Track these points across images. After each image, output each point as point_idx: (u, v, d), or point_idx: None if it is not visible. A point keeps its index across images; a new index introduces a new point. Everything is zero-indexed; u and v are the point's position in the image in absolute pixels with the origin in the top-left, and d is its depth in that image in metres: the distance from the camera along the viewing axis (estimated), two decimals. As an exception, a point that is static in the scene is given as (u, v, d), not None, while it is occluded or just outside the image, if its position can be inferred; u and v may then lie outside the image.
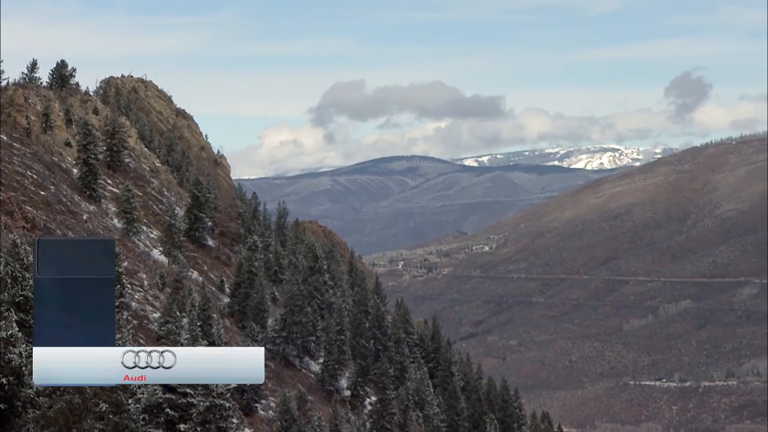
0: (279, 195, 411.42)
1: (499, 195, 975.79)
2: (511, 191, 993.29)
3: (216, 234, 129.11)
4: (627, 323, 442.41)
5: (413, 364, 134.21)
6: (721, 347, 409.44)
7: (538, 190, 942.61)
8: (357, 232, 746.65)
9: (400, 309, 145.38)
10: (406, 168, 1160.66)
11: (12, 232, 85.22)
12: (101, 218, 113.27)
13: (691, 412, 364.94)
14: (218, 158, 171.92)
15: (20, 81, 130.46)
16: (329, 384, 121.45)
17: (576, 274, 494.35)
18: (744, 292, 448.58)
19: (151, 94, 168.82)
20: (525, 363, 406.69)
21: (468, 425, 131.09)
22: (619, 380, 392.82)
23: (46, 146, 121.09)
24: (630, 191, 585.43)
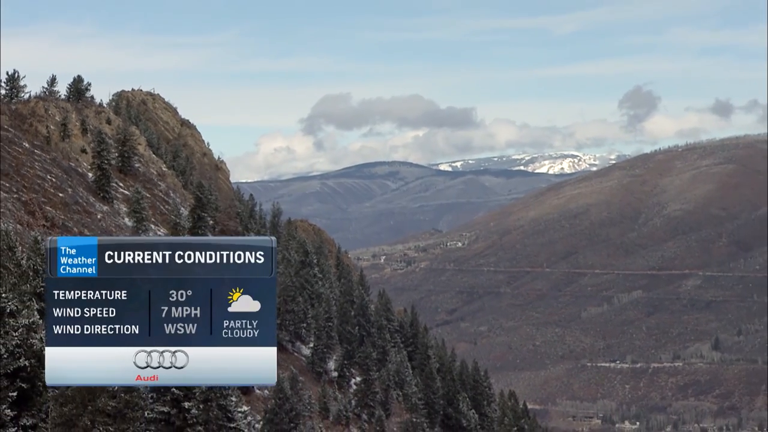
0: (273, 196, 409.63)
1: (470, 197, 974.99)
2: (482, 193, 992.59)
3: (217, 232, 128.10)
4: (585, 311, 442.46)
5: (394, 348, 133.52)
6: (668, 332, 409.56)
7: (506, 192, 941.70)
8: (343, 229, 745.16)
9: (382, 299, 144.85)
10: (387, 172, 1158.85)
11: (33, 230, 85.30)
12: (114, 217, 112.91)
13: (641, 390, 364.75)
14: (219, 163, 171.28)
15: (41, 94, 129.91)
16: (318, 366, 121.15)
17: (539, 267, 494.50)
18: (689, 283, 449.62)
19: (158, 106, 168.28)
20: (494, 347, 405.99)
21: (443, 402, 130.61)
22: (577, 362, 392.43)
23: (64, 153, 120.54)
24: (587, 193, 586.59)
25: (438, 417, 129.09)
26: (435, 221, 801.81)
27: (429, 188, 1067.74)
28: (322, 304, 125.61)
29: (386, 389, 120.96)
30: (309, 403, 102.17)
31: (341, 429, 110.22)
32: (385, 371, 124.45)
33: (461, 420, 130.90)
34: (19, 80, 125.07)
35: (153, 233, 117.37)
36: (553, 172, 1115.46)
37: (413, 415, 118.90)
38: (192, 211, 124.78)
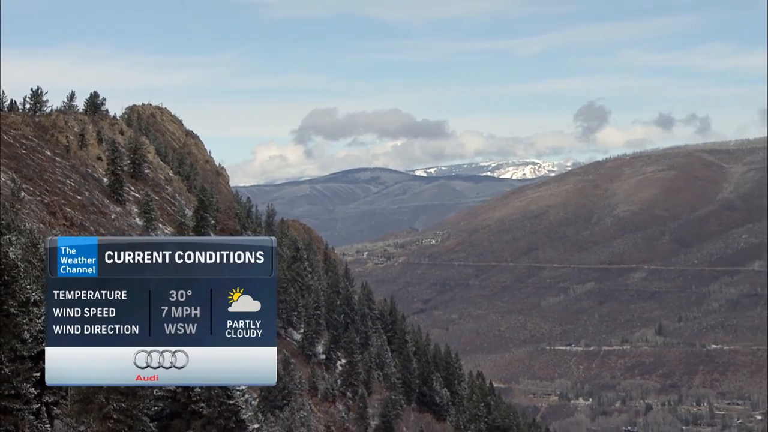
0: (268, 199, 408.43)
1: (443, 199, 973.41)
2: (453, 196, 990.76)
3: (218, 230, 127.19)
4: (544, 300, 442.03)
5: (375, 333, 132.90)
6: (617, 319, 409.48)
7: (474, 195, 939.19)
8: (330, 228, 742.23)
9: (365, 290, 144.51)
10: (369, 178, 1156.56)
11: (55, 229, 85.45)
12: (126, 218, 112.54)
13: (594, 370, 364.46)
14: (219, 169, 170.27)
15: (61, 108, 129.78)
16: (308, 349, 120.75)
17: (504, 261, 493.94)
18: (635, 276, 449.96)
19: (165, 118, 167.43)
20: (464, 332, 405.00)
21: (418, 382, 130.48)
22: (537, 345, 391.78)
23: (81, 160, 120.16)
24: (546, 196, 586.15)
25: (414, 394, 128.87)
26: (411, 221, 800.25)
27: (406, 192, 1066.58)
28: (311, 294, 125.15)
29: (368, 370, 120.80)
30: (300, 383, 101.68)
31: (328, 405, 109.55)
32: (367, 354, 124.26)
33: (435, 397, 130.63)
34: (42, 96, 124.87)
35: (161, 231, 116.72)
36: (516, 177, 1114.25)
37: (392, 392, 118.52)
38: (195, 212, 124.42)
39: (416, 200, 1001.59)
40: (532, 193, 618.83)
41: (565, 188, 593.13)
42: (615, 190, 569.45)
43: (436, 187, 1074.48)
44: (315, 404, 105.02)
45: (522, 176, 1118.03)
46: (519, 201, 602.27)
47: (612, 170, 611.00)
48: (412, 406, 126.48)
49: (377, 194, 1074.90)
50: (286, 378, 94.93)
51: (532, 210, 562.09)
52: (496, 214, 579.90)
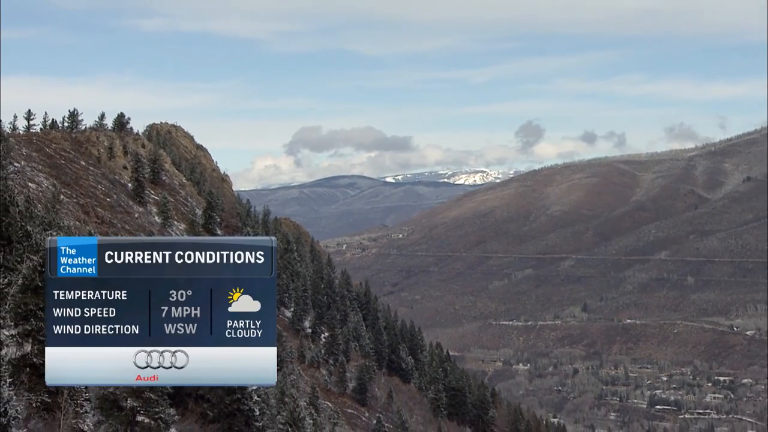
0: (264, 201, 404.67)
1: (408, 201, 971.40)
2: (416, 199, 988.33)
3: (223, 227, 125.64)
4: (491, 284, 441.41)
5: (352, 311, 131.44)
6: (550, 299, 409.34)
7: (434, 198, 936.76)
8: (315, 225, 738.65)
9: (344, 275, 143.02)
10: (347, 183, 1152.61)
11: (88, 225, 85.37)
12: (147, 216, 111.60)
13: (531, 341, 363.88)
14: (224, 176, 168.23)
15: (94, 126, 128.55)
16: (297, 324, 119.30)
17: (458, 252, 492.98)
18: (565, 263, 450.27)
19: (179, 134, 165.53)
20: (425, 310, 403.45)
21: (388, 351, 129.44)
22: (485, 321, 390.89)
23: (110, 169, 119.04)
24: (493, 198, 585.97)
25: (384, 361, 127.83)
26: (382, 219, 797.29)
27: (378, 195, 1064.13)
28: (299, 279, 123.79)
29: (347, 341, 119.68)
30: (290, 352, 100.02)
31: (314, 370, 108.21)
32: (346, 328, 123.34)
33: (401, 363, 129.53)
34: (78, 116, 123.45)
35: (176, 228, 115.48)
36: (468, 183, 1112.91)
37: (366, 360, 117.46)
38: (204, 212, 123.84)
39: (386, 202, 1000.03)
40: (481, 196, 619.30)
41: (508, 192, 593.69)
42: (548, 194, 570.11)
43: (402, 191, 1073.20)
44: (303, 369, 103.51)
45: (473, 182, 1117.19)
46: (470, 202, 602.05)
47: (546, 177, 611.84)
48: (383, 371, 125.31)
49: (354, 197, 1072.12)
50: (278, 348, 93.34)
51: (481, 210, 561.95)
52: (452, 214, 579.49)
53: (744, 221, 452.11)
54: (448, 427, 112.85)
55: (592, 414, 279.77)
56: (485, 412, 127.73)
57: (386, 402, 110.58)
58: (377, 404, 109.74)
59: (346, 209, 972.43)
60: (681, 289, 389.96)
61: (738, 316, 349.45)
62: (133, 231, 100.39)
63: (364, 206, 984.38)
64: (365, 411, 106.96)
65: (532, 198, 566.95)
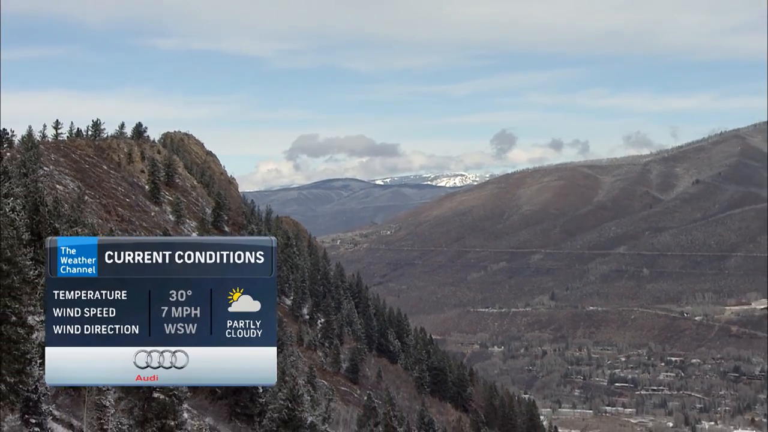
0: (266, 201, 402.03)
1: (396, 201, 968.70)
2: (403, 199, 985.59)
3: (230, 224, 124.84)
4: (469, 275, 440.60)
5: (345, 299, 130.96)
6: (522, 289, 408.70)
7: (419, 199, 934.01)
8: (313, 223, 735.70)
9: (338, 268, 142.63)
10: (341, 185, 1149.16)
11: (110, 223, 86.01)
12: (162, 215, 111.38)
13: (505, 326, 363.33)
14: (231, 179, 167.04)
15: (115, 134, 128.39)
16: (296, 311, 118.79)
17: (440, 247, 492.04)
18: (535, 257, 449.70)
19: (191, 142, 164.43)
20: (411, 299, 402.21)
21: (377, 335, 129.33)
22: (464, 308, 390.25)
23: (129, 172, 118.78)
24: (471, 199, 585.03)
25: (374, 344, 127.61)
26: (372, 217, 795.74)
27: (369, 196, 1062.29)
28: (298, 271, 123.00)
29: (341, 326, 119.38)
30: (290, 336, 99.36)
31: (311, 352, 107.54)
32: (340, 315, 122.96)
33: (389, 346, 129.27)
34: (100, 126, 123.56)
35: (188, 225, 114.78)
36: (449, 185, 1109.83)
37: (358, 343, 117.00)
38: (213, 210, 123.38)
39: (376, 202, 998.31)
40: (461, 197, 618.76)
41: (484, 193, 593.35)
42: (520, 195, 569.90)
43: (390, 192, 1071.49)
44: (302, 351, 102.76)
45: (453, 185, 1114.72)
46: (451, 203, 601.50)
47: (518, 180, 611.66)
48: (373, 353, 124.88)
49: (347, 197, 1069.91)
50: (279, 332, 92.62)
51: (461, 209, 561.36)
52: (434, 213, 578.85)
53: (693, 219, 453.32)
54: (430, 403, 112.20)
55: (558, 391, 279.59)
56: (464, 389, 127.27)
57: (376, 380, 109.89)
58: (368, 382, 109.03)
59: (340, 209, 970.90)
60: (637, 280, 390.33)
61: (688, 303, 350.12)
62: (150, 228, 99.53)
63: (356, 206, 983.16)
64: (357, 388, 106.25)
65: (506, 198, 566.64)
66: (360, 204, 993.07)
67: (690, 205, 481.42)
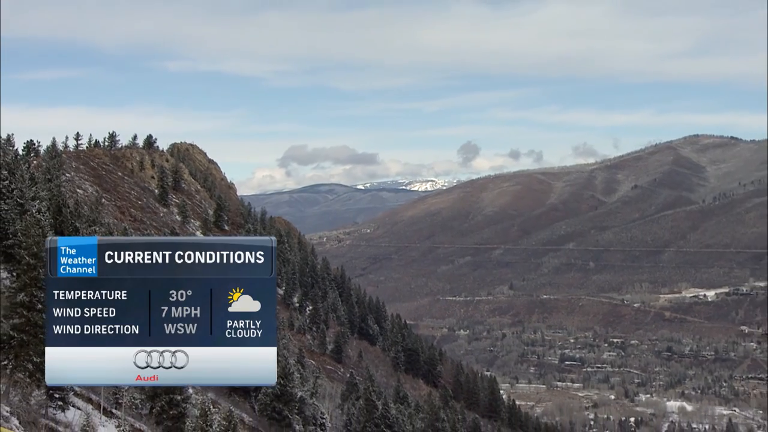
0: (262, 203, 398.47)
1: (375, 204, 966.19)
2: (381, 202, 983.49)
3: (229, 224, 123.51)
4: (439, 268, 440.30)
5: (331, 289, 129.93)
6: (485, 280, 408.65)
7: (395, 201, 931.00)
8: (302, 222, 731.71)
9: (324, 262, 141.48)
10: (327, 190, 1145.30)
11: (124, 222, 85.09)
12: (170, 216, 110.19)
13: (470, 312, 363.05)
14: (230, 184, 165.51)
15: (128, 145, 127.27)
16: (288, 300, 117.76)
17: (414, 244, 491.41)
18: (496, 253, 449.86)
19: (196, 151, 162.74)
20: (388, 289, 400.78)
21: (359, 320, 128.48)
22: (435, 297, 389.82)
23: (141, 178, 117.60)
24: (441, 202, 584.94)
25: (356, 329, 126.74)
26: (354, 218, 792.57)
27: (351, 199, 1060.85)
28: (289, 264, 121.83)
29: (326, 313, 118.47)
30: (282, 321, 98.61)
31: (301, 336, 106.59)
32: (326, 303, 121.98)
33: (369, 330, 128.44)
34: (115, 137, 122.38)
35: (192, 224, 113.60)
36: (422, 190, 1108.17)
37: (342, 327, 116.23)
38: (215, 212, 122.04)
39: (357, 204, 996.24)
40: (432, 200, 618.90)
41: (452, 197, 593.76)
42: (483, 198, 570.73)
43: (370, 196, 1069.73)
44: (292, 335, 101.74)
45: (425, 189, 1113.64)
46: (423, 205, 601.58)
47: (482, 185, 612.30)
48: (355, 336, 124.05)
49: (332, 200, 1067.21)
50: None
51: (432, 210, 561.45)
52: (409, 213, 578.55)
53: (632, 219, 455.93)
54: (405, 379, 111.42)
55: (516, 368, 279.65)
56: (434, 368, 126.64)
57: (357, 360, 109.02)
58: (350, 362, 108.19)
59: (326, 210, 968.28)
60: (584, 272, 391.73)
61: (627, 292, 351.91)
62: (159, 227, 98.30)
63: (340, 208, 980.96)
64: (341, 367, 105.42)
65: (471, 201, 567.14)
66: (343, 206, 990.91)
67: (629, 207, 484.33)
